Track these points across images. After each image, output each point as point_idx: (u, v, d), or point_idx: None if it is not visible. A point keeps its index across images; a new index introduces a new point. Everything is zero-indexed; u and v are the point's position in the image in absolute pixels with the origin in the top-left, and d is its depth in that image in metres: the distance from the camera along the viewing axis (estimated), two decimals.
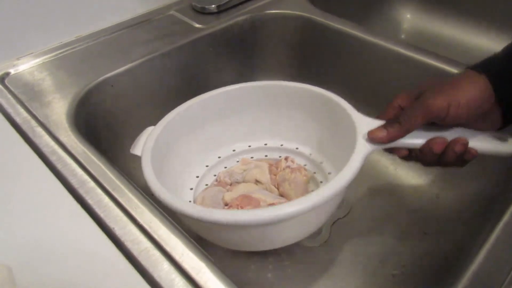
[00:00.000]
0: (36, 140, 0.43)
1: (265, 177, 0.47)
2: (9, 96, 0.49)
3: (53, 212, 0.36)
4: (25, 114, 0.46)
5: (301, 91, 0.46)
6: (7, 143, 0.43)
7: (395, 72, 0.55)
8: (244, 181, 0.48)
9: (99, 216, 0.35)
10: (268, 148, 0.51)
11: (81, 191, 0.37)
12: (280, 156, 0.50)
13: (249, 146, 0.51)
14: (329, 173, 0.46)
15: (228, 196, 0.44)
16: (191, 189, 0.46)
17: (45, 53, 0.56)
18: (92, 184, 0.38)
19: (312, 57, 0.65)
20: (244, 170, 0.48)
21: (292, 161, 0.48)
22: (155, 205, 0.37)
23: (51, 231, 0.34)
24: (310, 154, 0.49)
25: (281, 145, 0.51)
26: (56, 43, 0.57)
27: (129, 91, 0.54)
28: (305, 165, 0.49)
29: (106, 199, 0.36)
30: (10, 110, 0.47)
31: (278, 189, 0.47)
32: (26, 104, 0.48)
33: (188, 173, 0.47)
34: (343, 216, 0.52)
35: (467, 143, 0.37)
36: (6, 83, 0.51)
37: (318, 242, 0.49)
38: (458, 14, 0.80)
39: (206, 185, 0.48)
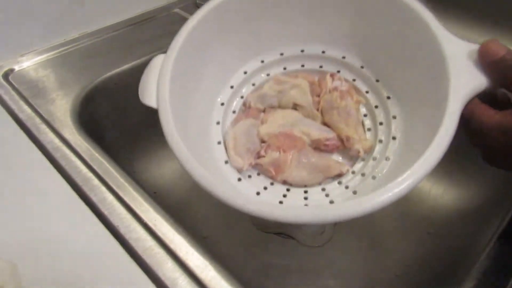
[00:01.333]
0: (40, 137, 0.43)
1: (306, 99, 0.37)
2: (13, 93, 0.49)
3: (58, 210, 0.36)
4: (29, 111, 0.46)
5: None
6: (11, 140, 0.43)
7: None
8: (279, 106, 0.39)
9: (104, 214, 0.35)
10: (306, 55, 0.40)
11: (85, 189, 0.37)
12: (321, 67, 0.39)
13: (281, 54, 0.40)
14: (388, 98, 0.36)
15: (264, 130, 0.36)
16: (218, 123, 0.38)
17: (49, 50, 0.55)
18: (96, 181, 0.38)
19: None
20: (279, 92, 0.38)
21: (340, 80, 0.37)
22: (159, 203, 0.36)
23: (55, 228, 0.34)
24: (362, 67, 0.38)
25: (323, 51, 0.39)
26: (60, 40, 0.57)
27: (132, 88, 0.53)
28: (354, 79, 0.38)
29: (110, 197, 0.36)
30: (14, 107, 0.47)
31: (322, 115, 0.38)
32: (30, 101, 0.48)
33: (211, 102, 0.38)
34: None
35: None
36: (10, 80, 0.51)
37: (321, 242, 0.49)
38: (461, 16, 0.79)
39: (234, 112, 0.39)
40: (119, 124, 0.54)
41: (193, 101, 0.36)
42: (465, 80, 0.27)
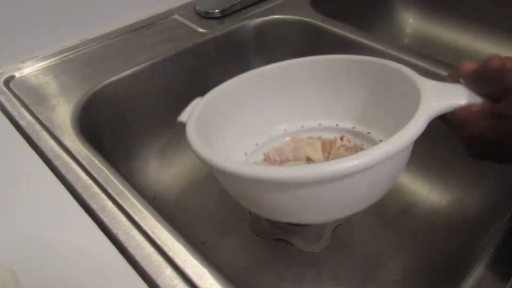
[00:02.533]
0: (41, 144, 0.43)
1: (317, 154, 0.43)
2: (14, 99, 0.49)
3: (57, 217, 0.36)
4: (29, 117, 0.47)
5: (360, 63, 0.43)
6: (11, 146, 0.43)
7: None
8: (294, 159, 0.45)
9: (103, 221, 0.35)
10: (322, 128, 0.48)
11: (85, 196, 0.37)
12: (335, 137, 0.47)
13: (302, 126, 0.48)
14: (380, 140, 0.44)
15: None
16: None
17: (50, 56, 0.56)
18: (96, 189, 0.38)
19: None
20: (295, 148, 0.45)
21: (349, 140, 0.44)
22: (159, 210, 0.37)
23: (55, 235, 0.34)
24: (368, 133, 0.45)
25: (337, 124, 0.47)
26: (60, 47, 0.57)
27: (133, 95, 0.54)
28: (362, 144, 0.45)
29: (110, 204, 0.37)
30: (14, 114, 0.47)
31: None
32: (31, 107, 0.48)
33: (235, 149, 0.45)
34: (344, 221, 0.52)
35: None
36: (11, 86, 0.51)
37: (319, 248, 0.49)
38: (461, 19, 0.80)
39: (255, 162, 0.46)
40: (119, 130, 0.54)
41: (218, 145, 0.41)
42: (432, 103, 0.33)
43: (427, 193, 0.54)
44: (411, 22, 0.85)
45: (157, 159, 0.58)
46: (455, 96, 0.34)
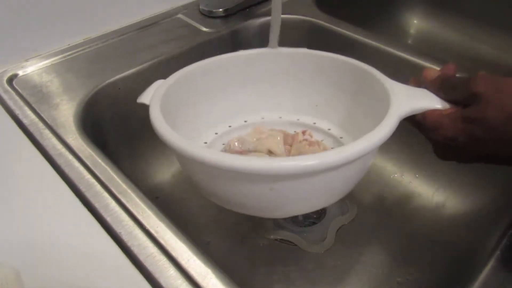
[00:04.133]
0: (44, 143, 0.43)
1: (279, 147, 0.43)
2: (17, 98, 0.49)
3: (60, 216, 0.36)
4: (32, 116, 0.46)
5: (328, 60, 0.43)
6: (14, 145, 0.43)
7: (401, 78, 0.55)
8: (255, 151, 0.44)
9: (106, 220, 0.35)
10: (283, 121, 0.48)
11: (88, 195, 0.37)
12: (295, 132, 0.47)
13: (263, 118, 0.48)
14: (341, 138, 0.45)
15: None
16: None
17: (53, 55, 0.56)
18: (99, 187, 0.38)
19: None
20: (257, 139, 0.45)
21: (310, 135, 0.45)
22: (162, 209, 0.37)
23: (58, 234, 0.34)
24: (329, 129, 0.46)
25: (298, 119, 0.48)
26: (64, 45, 0.57)
27: (136, 94, 0.54)
28: (322, 140, 0.46)
29: (113, 203, 0.36)
30: (18, 112, 0.47)
31: None
32: (34, 106, 0.48)
33: (194, 138, 0.44)
34: (348, 222, 0.52)
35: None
36: (14, 85, 0.51)
37: (323, 248, 0.49)
38: (465, 20, 0.79)
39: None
40: (122, 129, 0.54)
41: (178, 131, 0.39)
42: (401, 105, 0.35)
43: (432, 195, 0.54)
44: (415, 23, 0.85)
45: (160, 158, 0.58)
46: (422, 99, 0.35)
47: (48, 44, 0.56)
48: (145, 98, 0.38)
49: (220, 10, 0.63)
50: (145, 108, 0.55)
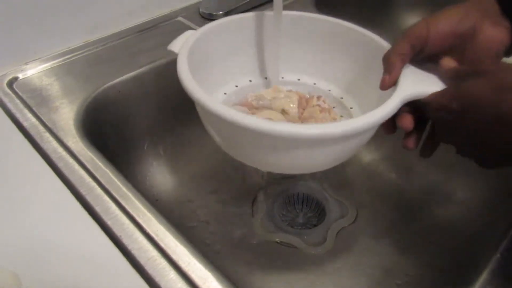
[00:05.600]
0: (44, 146, 0.43)
1: (292, 108, 0.45)
2: (17, 101, 0.49)
3: (60, 219, 0.36)
4: (33, 119, 0.46)
5: (349, 31, 0.46)
6: (14, 148, 0.43)
7: None
8: (270, 108, 0.46)
9: (106, 223, 0.35)
10: (301, 83, 0.50)
11: (88, 198, 0.37)
12: (310, 94, 0.49)
13: (282, 78, 0.50)
14: (351, 108, 0.47)
15: None
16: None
17: (53, 58, 0.56)
18: (99, 191, 0.38)
19: None
20: (274, 98, 0.47)
21: (324, 101, 0.46)
22: (162, 213, 0.37)
23: (58, 238, 0.34)
24: (341, 98, 0.48)
25: (314, 83, 0.50)
26: (64, 48, 0.57)
27: (136, 97, 0.54)
28: (334, 107, 0.47)
29: (113, 206, 0.37)
30: (18, 115, 0.47)
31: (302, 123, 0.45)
32: (34, 109, 0.48)
33: (216, 89, 0.47)
34: (348, 224, 0.52)
35: None
36: (14, 88, 0.51)
37: (323, 251, 0.49)
38: None
39: (233, 104, 0.48)
40: (122, 132, 0.54)
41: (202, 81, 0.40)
42: (408, 88, 0.35)
43: (433, 197, 0.54)
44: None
45: (160, 161, 0.58)
46: (428, 84, 0.35)
47: (48, 47, 0.56)
48: (174, 46, 0.40)
49: (220, 13, 0.63)
50: (145, 109, 0.56)
